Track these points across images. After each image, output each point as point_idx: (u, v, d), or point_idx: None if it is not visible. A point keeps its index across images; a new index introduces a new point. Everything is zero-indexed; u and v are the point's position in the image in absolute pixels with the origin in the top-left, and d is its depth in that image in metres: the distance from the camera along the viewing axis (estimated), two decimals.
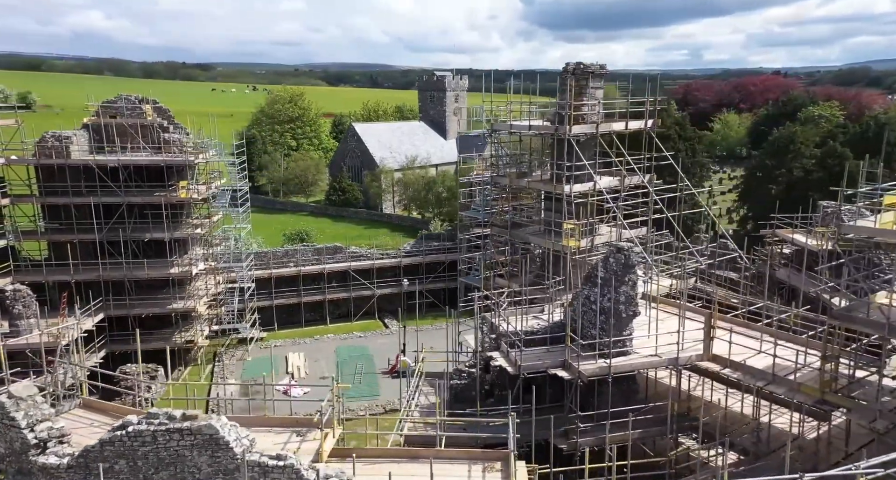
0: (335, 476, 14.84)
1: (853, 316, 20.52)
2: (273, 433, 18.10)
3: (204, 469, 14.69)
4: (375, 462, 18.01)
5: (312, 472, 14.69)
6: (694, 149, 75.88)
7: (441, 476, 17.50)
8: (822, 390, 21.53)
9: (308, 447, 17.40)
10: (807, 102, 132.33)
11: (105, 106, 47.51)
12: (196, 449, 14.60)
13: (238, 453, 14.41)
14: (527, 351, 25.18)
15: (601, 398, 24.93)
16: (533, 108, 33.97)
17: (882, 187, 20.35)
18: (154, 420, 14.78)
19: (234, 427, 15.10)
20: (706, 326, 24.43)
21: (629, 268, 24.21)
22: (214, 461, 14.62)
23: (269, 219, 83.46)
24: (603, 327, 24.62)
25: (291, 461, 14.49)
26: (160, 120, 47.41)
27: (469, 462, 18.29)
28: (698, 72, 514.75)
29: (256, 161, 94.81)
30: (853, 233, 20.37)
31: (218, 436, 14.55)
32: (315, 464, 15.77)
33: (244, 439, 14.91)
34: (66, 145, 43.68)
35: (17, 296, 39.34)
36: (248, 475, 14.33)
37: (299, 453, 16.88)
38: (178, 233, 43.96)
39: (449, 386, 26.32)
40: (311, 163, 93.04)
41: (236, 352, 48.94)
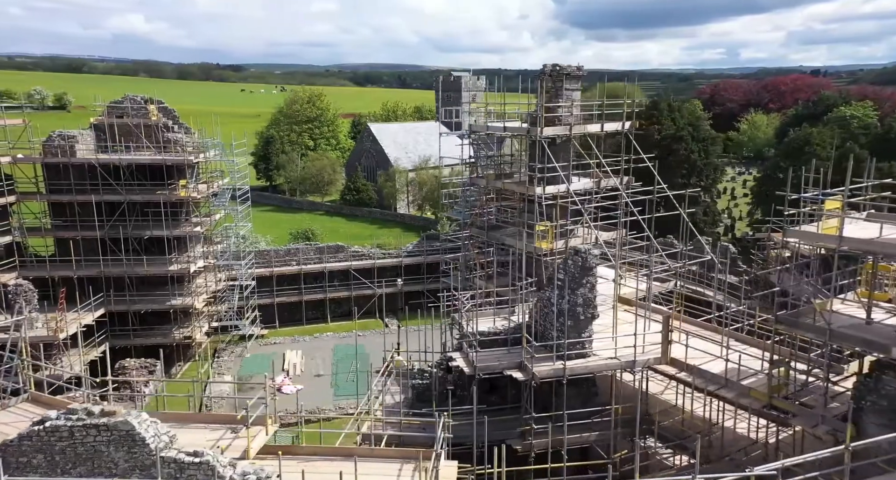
0: (253, 473, 15.22)
1: (797, 321, 20.32)
2: (209, 429, 18.54)
3: (121, 465, 15.14)
4: (309, 460, 18.38)
5: (229, 469, 15.09)
6: (707, 150, 74.90)
7: (370, 474, 17.84)
8: (769, 395, 21.34)
9: (241, 444, 17.82)
10: (839, 102, 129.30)
11: (112, 106, 48.81)
12: (113, 445, 15.05)
13: (154, 449, 14.85)
14: (487, 352, 25.39)
15: (560, 400, 25.00)
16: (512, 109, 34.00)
17: (828, 192, 20.18)
18: (73, 415, 15.28)
19: (154, 423, 15.55)
20: (664, 330, 24.34)
21: (587, 271, 24.25)
22: (131, 456, 15.04)
23: (286, 218, 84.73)
24: (561, 329, 24.68)
25: (207, 458, 14.89)
26: (165, 120, 48.53)
27: (402, 461, 18.56)
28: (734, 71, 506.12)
29: (274, 160, 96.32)
30: (796, 237, 20.19)
31: (134, 432, 14.99)
32: (240, 461, 16.20)
33: (163, 435, 15.34)
34: (72, 144, 45.01)
35: (18, 291, 40.66)
36: (164, 471, 14.76)
37: (229, 450, 17.34)
38: (177, 231, 44.99)
39: (411, 386, 26.64)
40: (326, 162, 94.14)
41: (236, 349, 49.88)
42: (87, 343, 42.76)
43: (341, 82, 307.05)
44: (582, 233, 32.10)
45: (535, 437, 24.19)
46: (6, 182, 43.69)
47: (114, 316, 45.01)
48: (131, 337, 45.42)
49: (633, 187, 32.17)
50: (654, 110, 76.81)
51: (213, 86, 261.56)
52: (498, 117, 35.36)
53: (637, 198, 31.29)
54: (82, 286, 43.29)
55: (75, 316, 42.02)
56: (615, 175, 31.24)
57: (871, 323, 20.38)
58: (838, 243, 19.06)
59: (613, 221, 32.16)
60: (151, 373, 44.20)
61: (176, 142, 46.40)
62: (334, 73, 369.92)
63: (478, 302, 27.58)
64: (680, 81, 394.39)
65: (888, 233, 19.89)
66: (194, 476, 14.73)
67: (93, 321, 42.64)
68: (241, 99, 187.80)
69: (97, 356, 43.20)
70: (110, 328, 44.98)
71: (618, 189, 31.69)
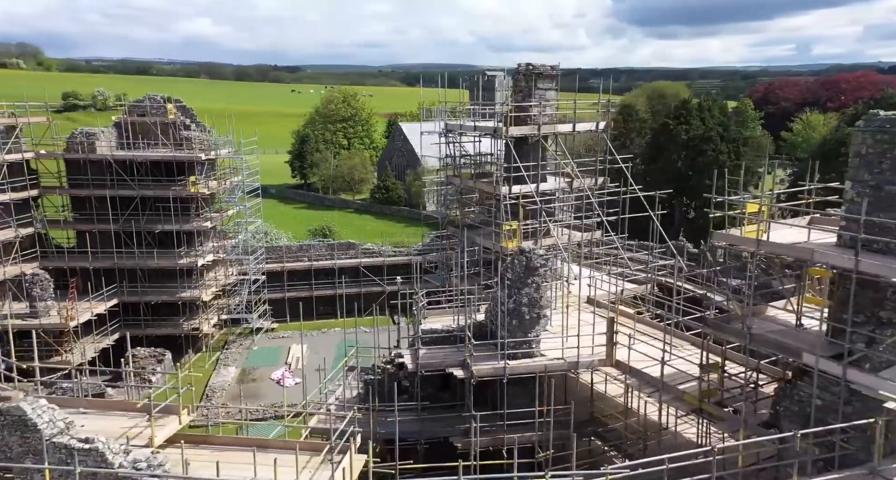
0: (145, 460, 15.97)
1: (721, 324, 20.04)
2: (127, 417, 19.39)
3: (15, 449, 15.98)
4: (224, 450, 18.98)
5: (120, 456, 15.84)
6: (738, 151, 72.99)
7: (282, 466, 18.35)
8: (699, 399, 21.07)
9: (157, 432, 18.56)
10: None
11: (133, 105, 50.95)
12: (7, 429, 15.95)
13: (47, 435, 15.70)
14: (437, 349, 25.75)
15: (507, 399, 25.15)
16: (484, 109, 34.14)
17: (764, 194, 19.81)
18: None
19: (51, 409, 16.39)
20: (608, 331, 24.22)
21: (532, 271, 24.34)
22: (24, 441, 15.86)
23: (317, 215, 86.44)
24: (508, 328, 24.84)
25: (97, 445, 15.64)
26: (182, 118, 50.33)
27: (311, 453, 19.01)
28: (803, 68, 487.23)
29: (309, 159, 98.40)
30: (722, 240, 19.89)
31: (26, 418, 15.87)
32: (143, 449, 16.96)
33: (58, 422, 16.19)
34: (92, 141, 47.18)
35: (35, 280, 43.03)
36: (56, 456, 15.58)
37: (137, 438, 18.14)
38: (186, 226, 46.70)
39: (363, 381, 27.21)
40: (357, 161, 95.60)
41: (245, 341, 51.39)
42: (100, 331, 44.89)
43: (391, 82, 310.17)
44: (556, 233, 32.06)
45: (476, 435, 24.34)
46: (29, 176, 46.16)
47: (127, 307, 47.04)
48: (143, 327, 47.30)
49: (608, 188, 31.98)
50: (682, 110, 75.36)
51: (267, 87, 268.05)
52: None
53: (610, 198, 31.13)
54: (98, 277, 45.45)
55: (88, 305, 44.22)
56: (601, 175, 31.17)
57: (801, 328, 19.96)
58: (756, 247, 18.72)
59: (598, 220, 32.01)
60: (160, 362, 46.11)
61: (189, 140, 48.11)
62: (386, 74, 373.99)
63: (447, 299, 28.00)
64: (742, 79, 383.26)
65: (820, 238, 19.45)
66: (85, 462, 15.50)
67: (105, 310, 44.68)
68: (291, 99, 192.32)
69: (109, 344, 45.46)
70: (123, 318, 47.07)
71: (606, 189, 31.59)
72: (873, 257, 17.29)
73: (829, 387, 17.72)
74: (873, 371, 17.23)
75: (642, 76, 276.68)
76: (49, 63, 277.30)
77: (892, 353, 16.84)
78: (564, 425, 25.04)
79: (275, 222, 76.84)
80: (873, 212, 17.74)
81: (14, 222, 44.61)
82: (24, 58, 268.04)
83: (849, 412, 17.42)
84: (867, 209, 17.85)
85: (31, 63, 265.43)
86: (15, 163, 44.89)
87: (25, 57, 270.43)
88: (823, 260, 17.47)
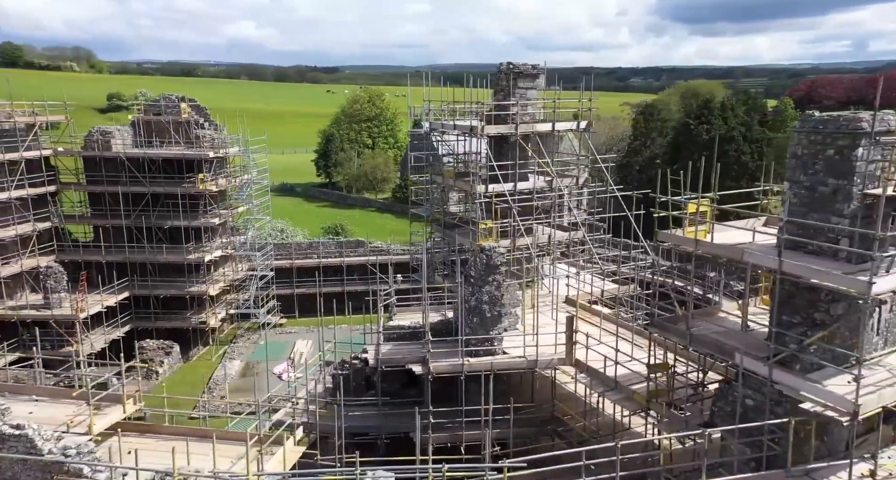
0: (75, 447, 16.64)
1: (666, 325, 19.94)
2: (75, 405, 20.14)
3: None
4: (168, 440, 19.52)
5: (50, 443, 16.52)
6: (762, 151, 71.44)
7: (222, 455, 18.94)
8: (648, 399, 20.99)
9: (97, 420, 19.25)
10: None
11: (150, 104, 52.54)
12: None
13: None
14: (402, 345, 26.09)
15: (468, 395, 25.39)
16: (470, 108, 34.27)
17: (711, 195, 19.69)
18: None
19: None
20: (567, 330, 24.23)
21: (492, 269, 24.51)
22: None
23: (339, 214, 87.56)
24: (470, 325, 25.07)
25: (27, 431, 16.37)
26: (196, 117, 51.68)
27: (254, 445, 19.45)
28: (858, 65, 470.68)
29: (333, 158, 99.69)
30: (665, 240, 19.78)
31: None
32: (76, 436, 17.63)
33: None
34: (108, 139, 48.82)
35: (48, 273, 44.72)
36: None
37: (78, 425, 18.84)
38: (194, 223, 47.96)
39: (331, 376, 27.73)
40: (380, 160, 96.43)
41: (253, 336, 52.49)
42: (110, 323, 46.46)
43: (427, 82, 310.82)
44: (538, 232, 32.13)
45: (435, 431, 24.64)
46: (48, 173, 47.97)
47: (138, 300, 48.55)
48: (153, 319, 48.76)
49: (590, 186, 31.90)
50: (704, 109, 74.11)
51: (304, 88, 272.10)
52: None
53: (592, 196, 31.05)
54: (110, 270, 47.03)
55: (99, 297, 45.82)
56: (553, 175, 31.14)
57: (749, 329, 19.75)
58: (695, 247, 18.60)
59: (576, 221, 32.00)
60: (168, 354, 47.47)
61: (200, 138, 49.39)
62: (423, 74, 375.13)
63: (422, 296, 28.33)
64: (790, 77, 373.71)
65: (769, 239, 19.19)
66: (15, 448, 16.21)
67: (115, 303, 46.22)
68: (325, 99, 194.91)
69: (120, 336, 46.99)
70: (134, 311, 48.62)
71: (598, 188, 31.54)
72: (806, 258, 17.06)
73: (760, 388, 17.54)
74: (804, 372, 17.00)
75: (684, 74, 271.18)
76: (101, 65, 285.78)
77: (817, 354, 16.60)
78: (526, 423, 25.19)
79: (297, 220, 78.17)
80: (808, 213, 17.53)
81: (32, 216, 46.42)
82: (77, 61, 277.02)
83: (781, 413, 17.21)
84: (802, 210, 17.66)
85: (83, 66, 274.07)
86: (34, 159, 46.69)
87: (79, 60, 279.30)
88: (751, 261, 17.29)
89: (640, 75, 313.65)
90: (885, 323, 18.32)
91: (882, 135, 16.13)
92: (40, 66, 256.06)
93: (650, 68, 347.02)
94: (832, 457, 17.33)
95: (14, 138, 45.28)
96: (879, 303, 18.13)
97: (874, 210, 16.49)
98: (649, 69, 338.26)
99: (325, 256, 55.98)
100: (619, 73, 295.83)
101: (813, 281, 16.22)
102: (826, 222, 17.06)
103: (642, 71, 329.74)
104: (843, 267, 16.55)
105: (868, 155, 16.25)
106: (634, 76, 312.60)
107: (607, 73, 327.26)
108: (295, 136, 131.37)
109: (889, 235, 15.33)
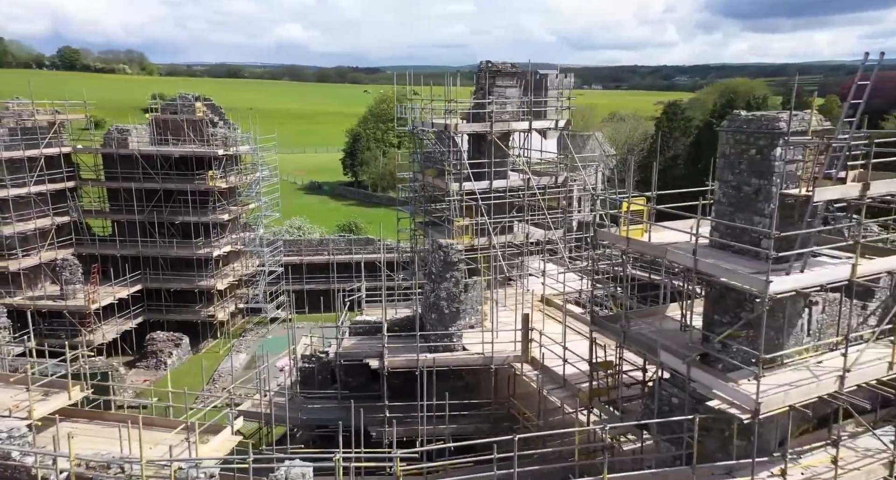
0: (6, 430, 17.46)
1: (605, 323, 19.97)
2: (23, 392, 20.87)
3: None
4: (112, 426, 20.23)
5: None
6: None
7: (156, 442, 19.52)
8: (590, 397, 21.03)
9: (39, 406, 20.01)
10: None
11: (167, 104, 54.20)
12: None
13: None
14: (366, 340, 26.58)
15: (431, 392, 25.72)
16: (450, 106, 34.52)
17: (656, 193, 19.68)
18: None
19: None
20: (523, 328, 24.37)
21: (450, 266, 24.80)
22: None
23: (364, 212, 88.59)
24: (430, 321, 25.41)
25: None
26: (210, 116, 53.08)
27: (188, 432, 20.05)
28: None
29: (359, 157, 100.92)
30: (602, 238, 19.81)
31: None
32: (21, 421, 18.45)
33: None
34: (125, 137, 50.56)
35: (64, 265, 46.60)
36: None
37: (21, 410, 19.61)
38: (204, 219, 49.32)
39: (299, 369, 28.39)
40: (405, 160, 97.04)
41: (261, 330, 53.69)
42: (123, 314, 48.19)
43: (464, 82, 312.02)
44: (517, 230, 32.29)
45: (391, 426, 24.98)
46: (67, 169, 49.91)
47: (151, 293, 50.15)
48: (164, 312, 50.30)
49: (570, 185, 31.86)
50: (727, 108, 72.88)
51: (344, 89, 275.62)
52: None
53: None
54: (125, 264, 48.78)
55: (111, 289, 47.55)
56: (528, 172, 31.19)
57: (688, 329, 19.66)
58: (626, 245, 18.61)
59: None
60: (177, 346, 48.95)
61: (213, 136, 50.72)
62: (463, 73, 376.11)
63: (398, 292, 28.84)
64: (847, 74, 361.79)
65: None
66: None
67: (127, 295, 47.89)
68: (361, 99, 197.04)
69: (132, 327, 48.70)
70: (147, 303, 50.25)
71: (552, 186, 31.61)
72: (733, 258, 16.96)
73: (685, 387, 17.48)
74: (726, 372, 16.90)
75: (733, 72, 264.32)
76: (151, 68, 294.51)
77: (740, 354, 16.49)
78: (484, 419, 25.43)
79: (323, 217, 79.44)
80: (735, 212, 17.41)
81: (51, 211, 48.39)
82: (129, 64, 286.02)
83: (703, 411, 17.13)
84: (730, 209, 17.55)
85: (135, 68, 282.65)
86: (53, 156, 48.63)
87: (131, 63, 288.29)
88: (672, 259, 17.24)
89: (686, 73, 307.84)
90: (818, 324, 18.04)
91: (796, 136, 15.92)
92: (95, 68, 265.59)
93: (697, 66, 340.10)
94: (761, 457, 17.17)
95: (35, 136, 47.25)
96: (810, 304, 17.89)
97: (793, 210, 16.36)
98: (696, 67, 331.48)
99: (336, 253, 56.84)
100: (663, 72, 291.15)
101: (722, 280, 16.12)
102: (749, 222, 16.94)
103: (688, 69, 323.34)
104: (764, 267, 16.40)
105: (786, 155, 16.07)
106: (680, 74, 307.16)
107: (651, 71, 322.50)
108: (327, 136, 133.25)
109: (786, 234, 15.23)
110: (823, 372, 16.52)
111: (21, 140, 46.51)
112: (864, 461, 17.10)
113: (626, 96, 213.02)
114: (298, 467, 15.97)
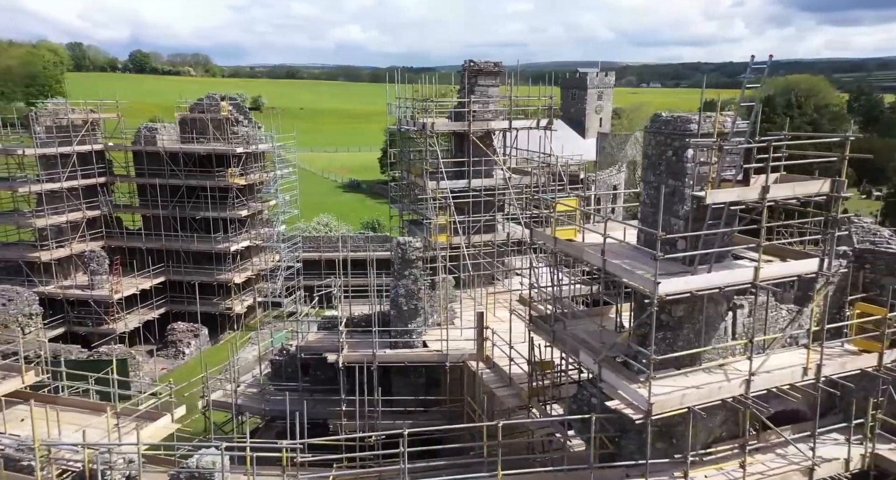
0: None
1: (540, 323, 20.04)
2: None
3: None
4: (66, 410, 21.07)
5: None
6: None
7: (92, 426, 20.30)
8: (529, 396, 21.11)
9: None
10: None
11: (195, 103, 56.15)
12: None
13: None
14: (332, 335, 27.19)
15: (395, 387, 26.23)
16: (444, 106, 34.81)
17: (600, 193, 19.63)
18: None
19: None
20: (478, 327, 24.55)
21: (408, 263, 25.20)
22: None
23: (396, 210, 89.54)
24: (389, 318, 25.90)
25: None
26: (236, 115, 54.81)
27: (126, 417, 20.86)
28: None
29: None
30: (537, 238, 19.87)
31: None
32: None
33: None
34: (154, 135, 52.68)
35: (92, 256, 48.92)
36: None
37: None
38: (223, 214, 50.99)
39: (270, 362, 29.26)
40: None
41: (279, 323, 55.05)
42: (145, 305, 50.26)
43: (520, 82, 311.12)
44: (501, 228, 32.47)
45: (349, 419, 25.54)
46: (99, 165, 52.30)
47: (174, 285, 52.13)
48: (186, 304, 52.15)
49: None
50: (766, 106, 70.74)
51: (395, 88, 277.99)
52: None
53: None
54: (150, 256, 50.93)
55: (134, 280, 49.71)
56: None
57: (622, 330, 19.57)
58: (553, 244, 18.65)
59: None
60: (196, 337, 50.73)
61: (234, 135, 52.38)
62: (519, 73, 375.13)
63: None
64: None
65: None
66: None
67: (150, 287, 49.94)
68: None
69: (155, 317, 50.72)
70: (170, 295, 52.23)
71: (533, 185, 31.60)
72: None
73: None
74: (640, 373, 16.79)
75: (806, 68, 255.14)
76: (215, 70, 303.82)
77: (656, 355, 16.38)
78: (440, 416, 25.70)
79: (355, 214, 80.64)
80: (655, 213, 17.22)
81: (83, 205, 50.82)
82: (195, 66, 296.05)
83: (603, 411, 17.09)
84: (652, 210, 17.39)
85: (199, 70, 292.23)
86: (86, 153, 51.05)
87: (196, 65, 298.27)
88: (586, 260, 17.21)
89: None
90: (744, 327, 17.68)
91: (704, 137, 15.73)
92: (162, 71, 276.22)
93: (766, 62, 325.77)
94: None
95: (67, 134, 49.73)
96: (734, 307, 17.59)
97: (703, 212, 16.16)
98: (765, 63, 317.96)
99: (354, 250, 57.73)
100: (729, 69, 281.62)
101: (624, 280, 16.04)
102: (668, 223, 16.79)
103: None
104: (679, 268, 16.28)
105: (698, 156, 15.89)
106: None
107: (715, 68, 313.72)
108: (372, 135, 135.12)
109: (670, 236, 15.18)
110: (735, 376, 16.25)
111: (56, 137, 48.99)
112: (781, 467, 16.73)
113: (682, 94, 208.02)
114: (209, 456, 16.69)
